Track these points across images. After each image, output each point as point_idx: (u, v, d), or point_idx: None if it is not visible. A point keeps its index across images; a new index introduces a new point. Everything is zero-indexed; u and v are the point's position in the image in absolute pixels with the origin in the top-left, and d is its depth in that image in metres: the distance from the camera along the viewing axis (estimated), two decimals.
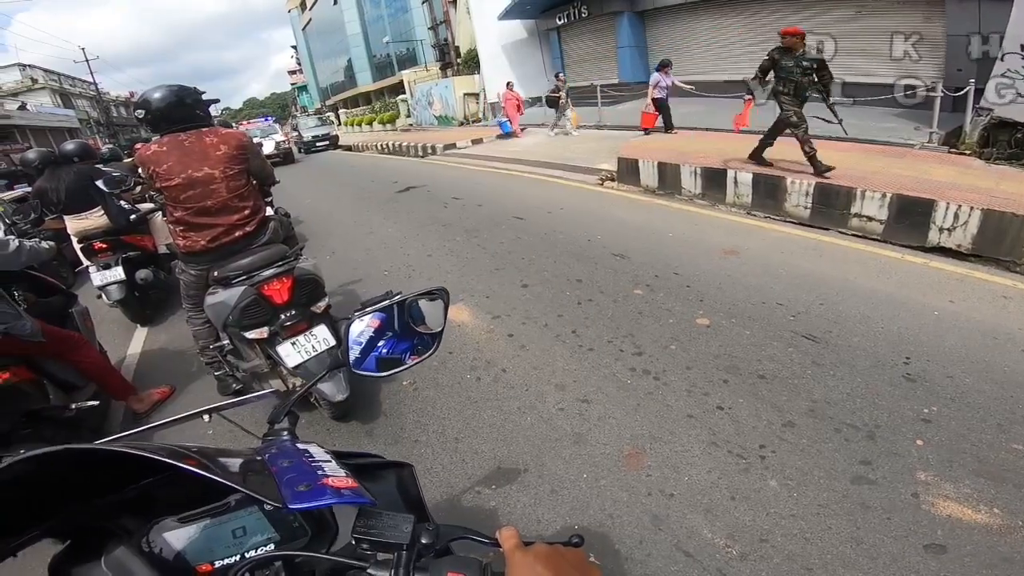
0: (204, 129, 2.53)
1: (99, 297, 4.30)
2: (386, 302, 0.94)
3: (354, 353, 0.93)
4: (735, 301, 3.44)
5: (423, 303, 0.98)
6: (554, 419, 2.52)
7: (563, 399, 2.66)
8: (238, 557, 0.69)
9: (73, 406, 2.66)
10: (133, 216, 3.86)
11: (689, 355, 2.90)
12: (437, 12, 26.92)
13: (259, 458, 0.73)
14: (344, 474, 0.71)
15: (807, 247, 4.43)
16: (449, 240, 5.57)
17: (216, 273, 2.51)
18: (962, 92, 6.18)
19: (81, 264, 4.48)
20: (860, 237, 4.51)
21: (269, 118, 20.20)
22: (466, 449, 2.39)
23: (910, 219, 4.22)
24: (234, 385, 2.93)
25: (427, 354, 1.00)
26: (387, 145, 16.79)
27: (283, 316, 2.48)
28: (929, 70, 8.86)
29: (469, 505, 2.05)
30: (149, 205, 4.22)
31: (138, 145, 11.30)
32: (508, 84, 13.71)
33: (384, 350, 0.96)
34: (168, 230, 4.94)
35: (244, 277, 2.43)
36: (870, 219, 4.49)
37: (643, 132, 9.90)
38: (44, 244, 2.80)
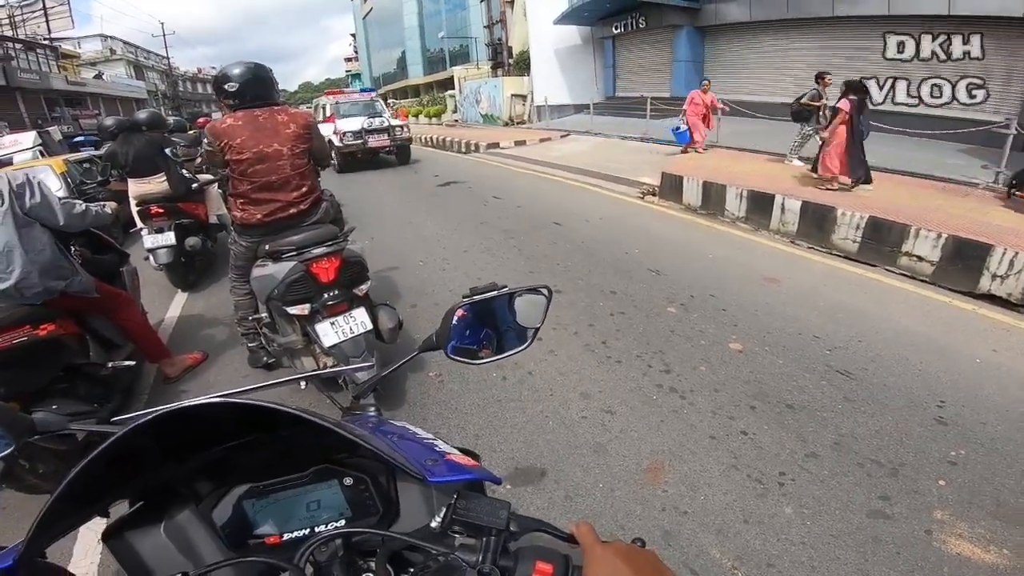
0: (276, 107, 2.64)
1: (146, 259, 4.50)
2: (494, 292, 0.94)
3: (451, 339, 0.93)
4: (771, 329, 3.39)
5: (523, 298, 0.98)
6: (576, 426, 2.54)
7: (587, 407, 2.68)
8: (307, 531, 0.68)
9: (110, 364, 2.68)
10: (194, 185, 4.06)
11: (718, 378, 2.88)
12: (494, 11, 27.20)
13: (362, 428, 0.72)
14: (458, 451, 0.71)
15: (851, 282, 4.32)
16: (486, 238, 5.63)
17: (268, 247, 2.59)
18: None
19: (135, 226, 4.71)
20: (908, 277, 4.37)
21: (373, 91, 15.66)
22: (485, 446, 2.43)
23: (963, 262, 4.06)
24: (265, 358, 3.02)
25: (518, 349, 0.99)
26: (431, 139, 16.87)
27: (326, 295, 2.54)
28: (1008, 106, 8.50)
29: None
30: (207, 176, 4.44)
31: (201, 119, 11.70)
32: (703, 82, 9.83)
33: (457, 339, 0.96)
34: (222, 202, 5.18)
35: (295, 253, 2.51)
36: (920, 259, 4.34)
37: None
38: (107, 209, 2.89)
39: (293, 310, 2.55)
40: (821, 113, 7.29)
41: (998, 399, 2.63)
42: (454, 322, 0.91)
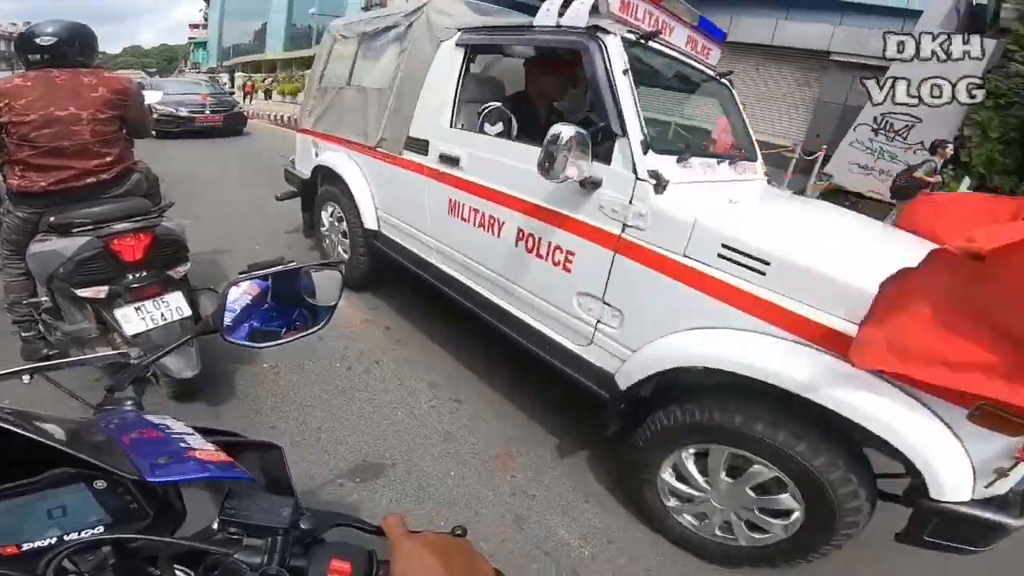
0: (85, 70, 2.32)
1: None
2: (279, 268, 0.87)
3: (227, 320, 0.84)
4: None
5: (317, 275, 0.93)
6: (425, 416, 2.50)
7: (436, 396, 2.65)
8: (54, 540, 0.58)
9: None
10: None
11: None
12: None
13: (101, 427, 0.65)
14: (213, 447, 0.65)
15: None
16: None
17: (53, 219, 2.17)
18: (813, 156, 7.11)
19: None
20: None
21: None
22: (330, 439, 2.27)
23: None
24: (44, 350, 2.51)
25: (312, 329, 0.93)
26: (280, 117, 15.86)
27: (130, 276, 2.17)
28: (796, 132, 10.06)
29: (331, 497, 1.95)
30: None
31: None
32: None
33: (257, 321, 0.89)
34: None
35: (90, 227, 2.11)
36: None
37: None
38: None
39: (84, 292, 2.13)
40: (931, 190, 6.01)
41: None
42: (238, 301, 0.85)
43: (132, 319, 2.17)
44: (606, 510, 2.06)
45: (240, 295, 0.86)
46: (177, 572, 0.58)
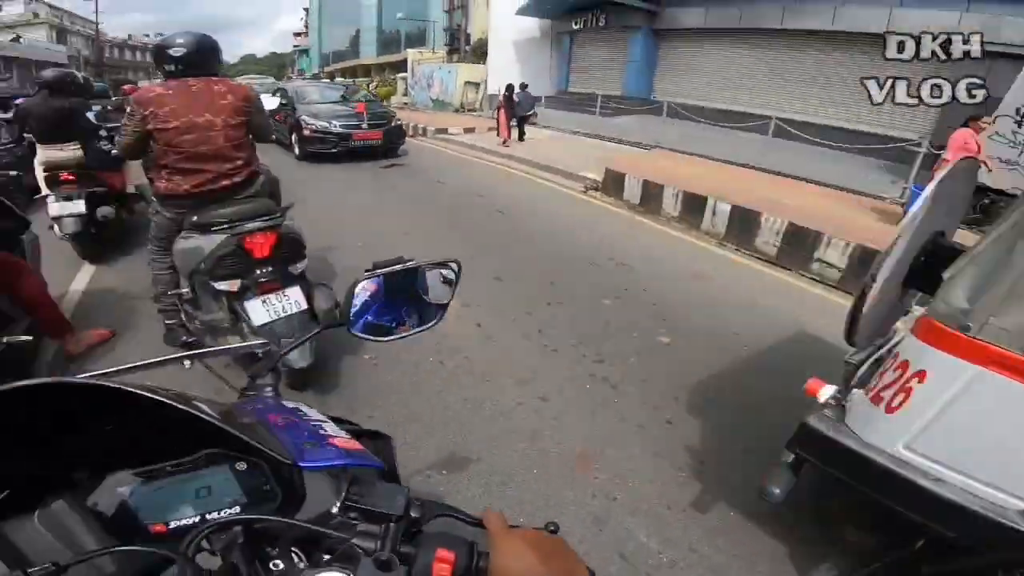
0: (214, 78, 2.57)
1: (51, 228, 4.09)
2: (399, 266, 0.91)
3: (350, 315, 0.90)
4: (696, 324, 3.58)
5: (433, 273, 0.97)
6: (511, 413, 2.58)
7: (522, 394, 2.72)
8: (197, 518, 0.64)
9: (4, 339, 2.42)
10: (114, 155, 3.75)
11: (647, 369, 3.01)
12: None
13: (247, 410, 0.70)
14: (347, 435, 0.69)
15: (769, 284, 4.65)
16: (427, 222, 5.56)
17: (196, 218, 2.47)
18: (944, 150, 6.35)
19: (40, 192, 4.28)
20: (818, 282, 4.74)
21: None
22: (420, 431, 2.42)
23: (867, 271, 4.43)
24: (183, 337, 2.84)
25: (429, 324, 0.97)
26: None
27: (259, 271, 2.45)
28: (921, 124, 9.27)
29: (418, 489, 2.07)
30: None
31: (127, 86, 10.58)
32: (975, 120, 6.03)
33: (372, 316, 0.94)
34: (143, 172, 4.79)
35: (226, 225, 2.40)
36: (830, 266, 4.72)
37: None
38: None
39: (221, 285, 2.44)
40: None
41: None
42: (359, 297, 0.89)
43: (259, 311, 2.44)
44: (690, 519, 2.01)
45: (361, 291, 0.91)
46: (292, 554, 0.60)
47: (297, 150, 9.20)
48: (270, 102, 3.82)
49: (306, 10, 56.65)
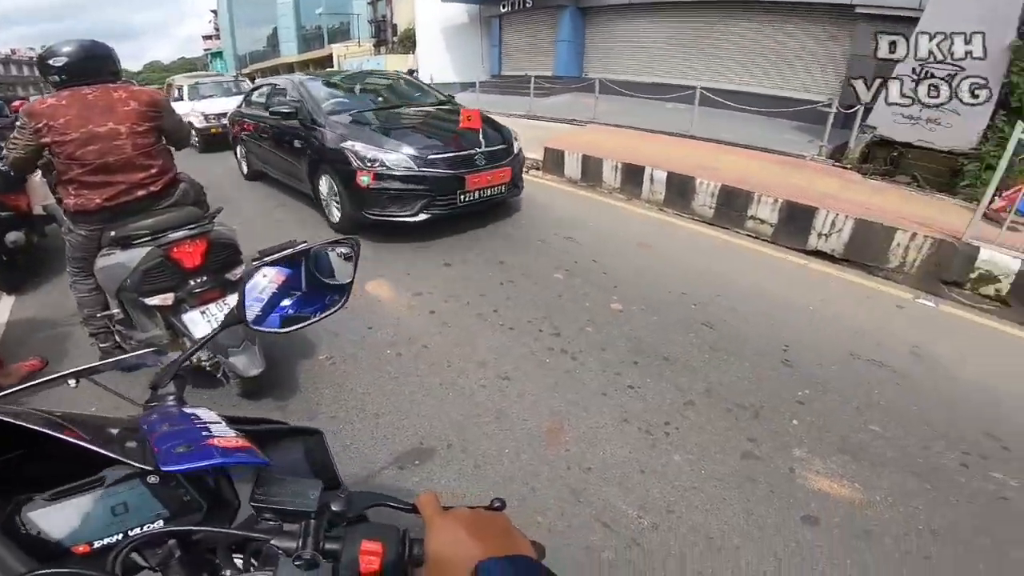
0: (113, 84, 2.40)
1: None
2: (290, 250, 0.86)
3: (254, 310, 0.84)
4: (646, 290, 3.68)
5: (331, 253, 0.91)
6: (476, 395, 2.58)
7: (484, 376, 2.72)
8: (121, 536, 0.62)
9: None
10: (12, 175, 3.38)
11: (603, 337, 3.07)
12: None
13: (140, 425, 0.68)
14: (234, 434, 0.66)
15: (709, 243, 4.84)
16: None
17: (114, 233, 2.30)
18: (853, 110, 6.80)
19: None
20: (753, 238, 4.98)
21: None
22: (387, 425, 2.38)
23: (795, 224, 4.72)
24: None
25: (334, 308, 0.93)
26: None
27: (192, 282, 2.32)
28: (831, 86, 9.78)
29: (391, 481, 2.05)
30: None
31: (16, 102, 9.59)
32: None
33: (293, 308, 0.89)
34: (48, 191, 4.34)
35: (149, 237, 2.25)
36: (763, 222, 4.97)
37: None
38: None
39: (152, 300, 2.28)
40: None
41: (827, 342, 3.12)
42: (256, 292, 0.84)
43: (199, 322, 2.30)
44: (663, 480, 2.08)
45: (266, 284, 0.85)
46: (235, 560, 0.59)
47: (337, 215, 4.75)
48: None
49: (214, 12, 54.10)
